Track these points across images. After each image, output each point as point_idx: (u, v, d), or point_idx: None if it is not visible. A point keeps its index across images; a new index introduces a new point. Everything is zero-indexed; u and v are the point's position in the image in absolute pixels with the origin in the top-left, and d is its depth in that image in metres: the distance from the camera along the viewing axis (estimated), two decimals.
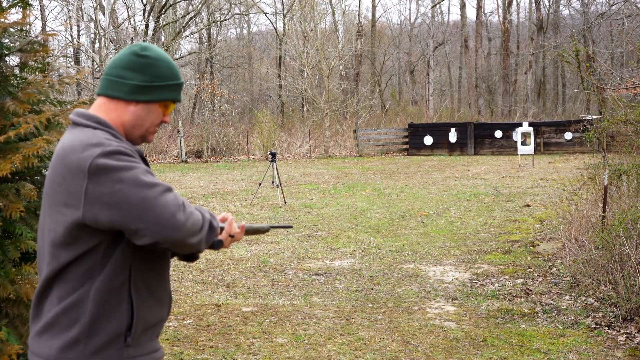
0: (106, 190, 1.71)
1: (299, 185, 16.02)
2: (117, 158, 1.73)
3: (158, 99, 1.90)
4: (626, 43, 23.75)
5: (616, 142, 8.99)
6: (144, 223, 1.71)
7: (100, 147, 1.74)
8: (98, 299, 1.77)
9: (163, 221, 1.71)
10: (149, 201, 1.71)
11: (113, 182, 1.71)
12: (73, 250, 1.77)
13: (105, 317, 1.78)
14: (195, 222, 1.78)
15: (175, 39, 30.58)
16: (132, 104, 1.88)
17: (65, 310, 1.78)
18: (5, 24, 3.38)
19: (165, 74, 1.90)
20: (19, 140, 3.29)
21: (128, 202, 1.71)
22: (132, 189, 1.71)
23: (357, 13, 38.37)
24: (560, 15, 38.73)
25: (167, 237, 1.73)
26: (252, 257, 7.94)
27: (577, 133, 24.26)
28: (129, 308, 1.81)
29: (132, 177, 1.72)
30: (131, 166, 1.74)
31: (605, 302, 5.53)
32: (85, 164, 1.72)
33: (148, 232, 1.72)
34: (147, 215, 1.71)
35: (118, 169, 1.72)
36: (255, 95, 41.31)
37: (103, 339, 1.78)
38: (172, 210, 1.72)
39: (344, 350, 4.72)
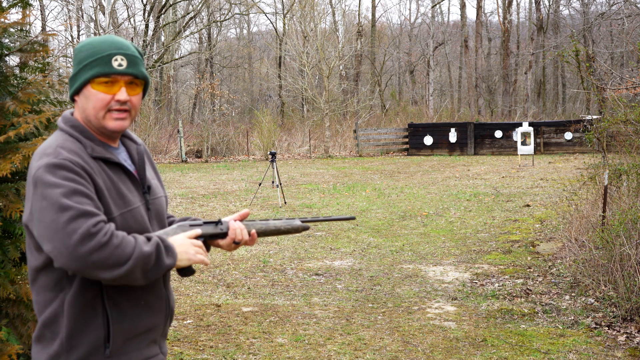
0: (36, 204, 1.70)
1: (299, 185, 16.02)
2: (54, 172, 1.70)
3: (83, 83, 1.83)
4: (626, 43, 23.75)
5: (616, 142, 8.98)
6: (50, 246, 1.67)
7: (47, 158, 1.73)
8: (72, 314, 1.76)
9: (62, 249, 1.65)
10: (57, 224, 1.66)
11: (42, 197, 1.69)
12: (39, 255, 1.78)
13: (81, 331, 1.77)
14: (112, 254, 1.66)
15: (175, 39, 30.58)
16: (75, 97, 1.88)
17: (45, 324, 1.80)
18: (5, 24, 3.38)
19: (85, 56, 1.84)
20: (19, 140, 3.29)
21: (43, 220, 1.68)
22: (49, 207, 1.67)
23: (357, 13, 38.39)
24: (560, 15, 38.74)
25: (66, 265, 1.66)
26: (252, 257, 7.94)
27: (577, 133, 24.26)
28: (104, 320, 1.78)
29: (54, 197, 1.67)
30: (60, 184, 1.69)
31: (605, 302, 5.53)
32: (32, 173, 1.74)
33: (53, 257, 1.68)
34: (52, 238, 1.66)
35: (49, 184, 1.69)
36: (255, 95, 41.31)
37: (81, 352, 1.77)
38: (75, 239, 1.64)
39: (344, 350, 4.72)
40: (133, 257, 1.69)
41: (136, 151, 1.98)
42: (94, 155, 1.81)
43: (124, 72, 1.83)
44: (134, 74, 1.85)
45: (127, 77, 1.84)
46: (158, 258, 1.75)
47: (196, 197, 13.96)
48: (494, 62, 41.19)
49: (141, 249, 1.71)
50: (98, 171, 1.80)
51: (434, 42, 39.56)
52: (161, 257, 1.75)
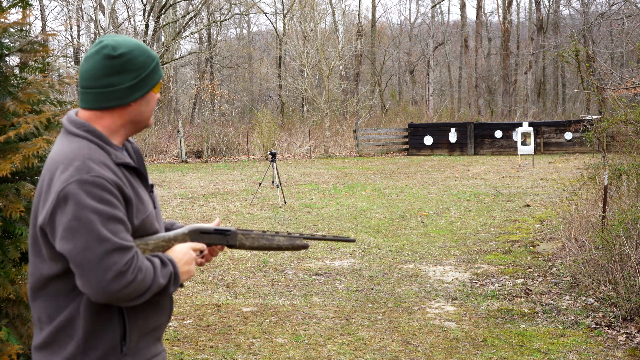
0: (64, 220, 1.67)
1: (299, 185, 16.02)
2: (89, 192, 1.68)
3: (151, 87, 1.87)
4: (626, 43, 23.75)
5: (616, 142, 8.98)
6: (78, 271, 1.68)
7: (79, 173, 1.69)
8: (89, 314, 1.76)
9: (93, 282, 1.66)
10: (92, 254, 1.66)
11: (73, 216, 1.66)
12: (56, 265, 1.76)
13: (99, 331, 1.77)
14: (135, 289, 1.71)
15: (175, 39, 30.58)
16: (132, 104, 1.84)
17: (59, 329, 1.78)
18: (5, 24, 3.38)
19: (145, 61, 1.84)
20: (19, 140, 3.29)
21: (75, 244, 1.67)
22: (84, 232, 1.66)
23: (357, 13, 38.39)
24: (560, 15, 38.74)
25: (92, 296, 1.69)
26: (252, 257, 7.93)
27: (577, 133, 24.26)
28: (120, 319, 1.79)
29: (90, 222, 1.66)
30: (96, 209, 1.67)
31: (605, 302, 5.53)
32: (60, 186, 1.69)
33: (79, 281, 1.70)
34: (83, 268, 1.67)
35: (84, 206, 1.67)
36: (255, 95, 41.31)
37: (99, 352, 1.77)
38: (109, 277, 1.66)
39: (344, 350, 4.72)
40: (150, 291, 1.75)
41: (133, 150, 1.98)
42: (117, 162, 1.81)
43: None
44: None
45: None
46: (166, 287, 1.81)
47: (196, 197, 13.96)
48: (494, 62, 41.19)
49: (158, 283, 1.77)
50: (124, 180, 1.80)
51: (434, 42, 39.56)
52: (169, 287, 1.82)
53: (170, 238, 1.90)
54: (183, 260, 1.88)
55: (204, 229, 1.98)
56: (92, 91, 1.81)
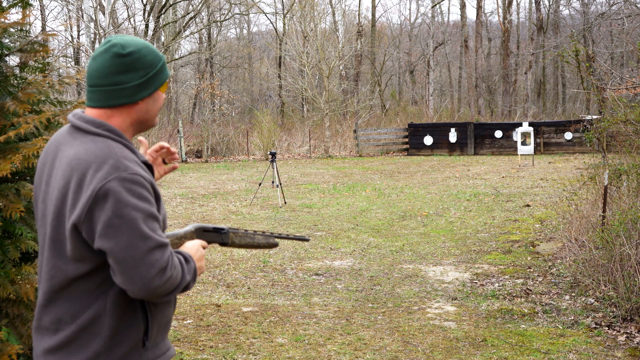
0: (104, 217, 1.69)
1: (299, 185, 16.02)
2: (130, 189, 1.71)
3: (158, 85, 1.89)
4: (626, 43, 23.75)
5: (616, 142, 8.98)
6: (121, 268, 1.70)
7: (116, 171, 1.71)
8: (116, 311, 1.78)
9: (137, 279, 1.70)
10: (136, 251, 1.69)
11: (114, 213, 1.68)
12: (83, 265, 1.76)
13: (125, 327, 1.79)
14: (170, 287, 1.76)
15: (175, 39, 30.58)
16: (140, 102, 1.87)
17: (83, 328, 1.78)
18: (5, 24, 3.38)
19: (153, 59, 1.87)
20: (19, 140, 3.29)
21: (117, 240, 1.69)
22: (126, 230, 1.69)
23: (357, 13, 38.39)
24: (560, 15, 38.74)
25: (134, 293, 1.72)
26: (252, 257, 7.93)
27: (577, 133, 24.26)
28: (143, 314, 1.82)
29: (133, 220, 1.69)
30: (138, 206, 1.71)
31: (605, 302, 5.53)
32: (97, 184, 1.70)
33: (120, 278, 1.72)
34: (127, 264, 1.69)
35: (126, 204, 1.69)
36: (255, 95, 41.31)
37: (124, 348, 1.79)
38: (152, 273, 1.70)
39: (344, 350, 4.72)
40: (179, 287, 1.80)
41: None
42: (142, 160, 1.84)
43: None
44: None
45: None
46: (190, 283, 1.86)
47: (196, 197, 13.96)
48: (494, 62, 41.19)
49: (185, 279, 1.82)
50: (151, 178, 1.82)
51: (434, 42, 39.56)
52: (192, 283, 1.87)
53: (181, 235, 1.98)
54: (197, 257, 1.93)
55: (205, 228, 2.06)
56: (101, 89, 1.82)
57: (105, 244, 1.69)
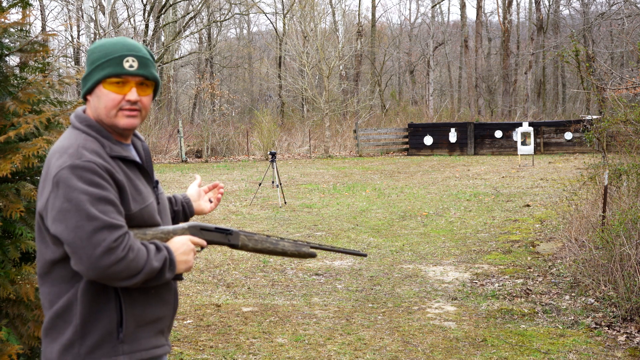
0: (57, 203, 1.75)
1: (299, 185, 16.02)
2: (79, 175, 1.75)
3: (95, 83, 1.89)
4: (626, 43, 23.75)
5: (616, 142, 8.98)
6: (70, 250, 1.74)
7: (71, 158, 1.78)
8: (86, 300, 1.81)
9: (84, 258, 1.72)
10: (82, 232, 1.72)
11: (64, 198, 1.74)
12: (57, 249, 1.82)
13: (95, 316, 1.81)
14: (126, 267, 1.75)
15: (175, 39, 30.58)
16: (88, 97, 1.93)
17: (57, 315, 1.83)
18: (5, 24, 3.38)
19: (97, 57, 1.89)
20: (19, 140, 3.29)
21: (66, 224, 1.73)
22: (74, 213, 1.73)
23: (357, 13, 38.39)
24: (560, 15, 38.74)
25: (84, 273, 1.75)
26: (252, 257, 7.93)
27: (577, 133, 24.26)
28: (117, 305, 1.83)
29: (80, 203, 1.73)
30: (86, 190, 1.74)
31: (605, 302, 5.53)
32: (54, 172, 1.78)
33: (72, 260, 1.76)
34: (75, 245, 1.73)
35: (74, 188, 1.74)
36: (255, 95, 41.31)
37: (95, 337, 1.81)
38: (99, 252, 1.72)
39: (344, 350, 4.72)
40: (143, 272, 1.79)
41: (142, 147, 2.05)
42: (112, 155, 1.87)
43: (135, 73, 1.89)
44: (144, 75, 1.91)
45: (137, 78, 1.91)
46: (161, 272, 1.84)
47: None
48: (494, 62, 41.18)
49: (152, 265, 1.80)
50: (117, 169, 1.86)
51: (434, 42, 39.55)
52: (164, 272, 1.85)
53: (169, 231, 1.96)
54: (180, 250, 1.91)
55: (204, 226, 2.02)
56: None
57: (57, 228, 1.75)
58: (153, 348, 1.92)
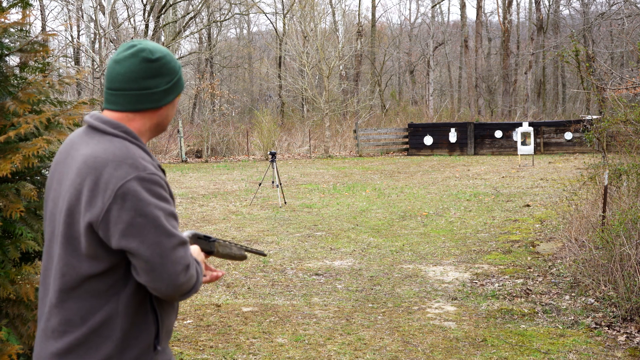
0: (126, 217, 1.68)
1: (299, 185, 16.02)
2: (148, 188, 1.72)
3: (179, 91, 1.93)
4: (626, 43, 23.75)
5: (616, 142, 8.98)
6: (147, 267, 1.70)
7: (136, 171, 1.72)
8: (128, 314, 1.76)
9: (165, 276, 1.70)
10: (162, 248, 1.70)
11: (136, 212, 1.68)
12: (97, 264, 1.74)
13: (136, 330, 1.78)
14: (190, 285, 1.77)
15: (175, 39, 30.58)
16: (162, 107, 1.89)
17: (93, 330, 1.75)
18: (6, 24, 3.38)
19: (176, 66, 1.90)
20: (19, 140, 3.29)
21: (142, 239, 1.69)
22: (151, 229, 1.69)
23: (357, 13, 38.39)
24: (560, 15, 38.74)
25: (161, 290, 1.73)
26: (252, 257, 7.93)
27: (577, 133, 24.26)
28: (154, 317, 1.81)
29: (156, 218, 1.70)
30: (159, 205, 1.72)
31: (605, 302, 5.53)
32: (116, 183, 1.69)
33: (146, 276, 1.72)
34: (154, 262, 1.69)
35: (147, 202, 1.70)
36: (255, 95, 41.31)
37: (135, 352, 1.77)
38: (179, 269, 1.72)
39: (344, 350, 4.72)
40: (197, 286, 1.82)
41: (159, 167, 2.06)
42: (157, 165, 1.85)
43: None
44: None
45: None
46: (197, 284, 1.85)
47: (196, 197, 13.96)
48: (494, 62, 41.18)
49: (200, 280, 1.83)
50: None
51: (434, 42, 39.56)
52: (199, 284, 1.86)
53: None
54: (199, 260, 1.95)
55: (198, 235, 2.06)
56: (127, 93, 1.83)
57: (130, 243, 1.69)
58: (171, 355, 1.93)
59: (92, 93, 25.00)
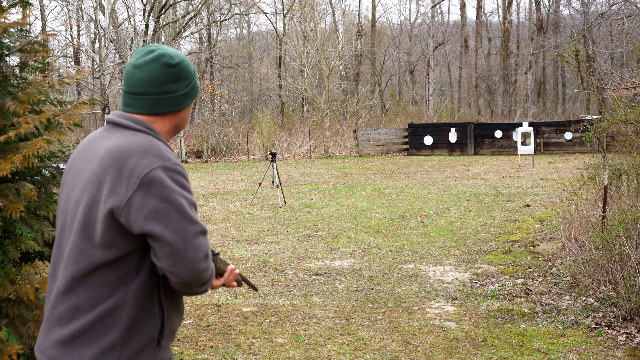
0: (151, 203, 1.73)
1: (299, 185, 16.02)
2: (174, 178, 1.77)
3: (196, 95, 2.01)
4: (626, 43, 23.75)
5: (616, 142, 8.99)
6: (170, 251, 1.74)
7: (160, 160, 1.77)
8: (135, 304, 1.78)
9: (186, 261, 1.74)
10: (185, 235, 1.74)
11: (160, 199, 1.74)
12: (110, 251, 1.77)
13: (142, 321, 1.80)
14: (208, 275, 1.82)
15: (175, 39, 30.57)
16: (182, 110, 1.96)
17: (100, 317, 1.77)
18: (6, 24, 3.38)
19: (193, 70, 1.98)
20: (19, 140, 3.29)
21: (166, 224, 1.73)
22: (175, 214, 1.74)
23: (357, 13, 38.39)
24: (560, 15, 38.74)
25: (182, 275, 1.76)
26: (252, 257, 7.93)
27: (577, 133, 24.26)
28: (160, 311, 1.83)
29: (180, 205, 1.75)
30: (182, 193, 1.77)
31: (605, 302, 5.53)
32: (142, 171, 1.74)
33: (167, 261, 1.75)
34: (177, 246, 1.73)
35: (171, 190, 1.75)
36: (255, 95, 41.31)
37: (139, 343, 1.79)
38: (200, 256, 1.76)
39: (344, 350, 4.72)
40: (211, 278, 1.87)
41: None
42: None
43: None
44: None
45: None
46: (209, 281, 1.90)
47: (196, 197, 13.96)
48: (494, 62, 41.18)
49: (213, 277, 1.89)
50: None
51: (434, 42, 39.55)
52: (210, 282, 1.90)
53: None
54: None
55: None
56: (149, 97, 1.89)
57: (154, 227, 1.72)
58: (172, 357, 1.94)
59: (92, 93, 24.99)
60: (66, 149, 3.62)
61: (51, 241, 3.31)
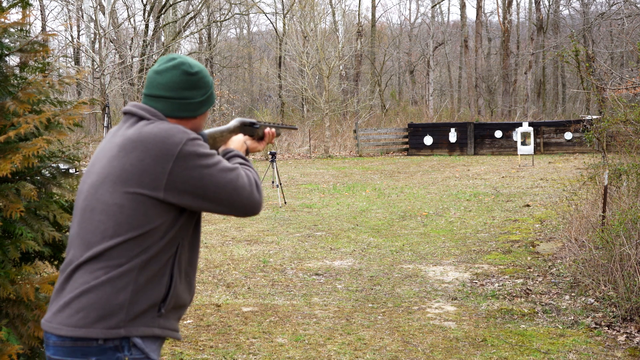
0: (195, 174, 1.90)
1: (299, 185, 16.02)
2: (202, 145, 1.94)
3: (212, 103, 2.15)
4: (626, 43, 23.76)
5: (616, 142, 8.99)
6: (230, 202, 1.96)
7: (186, 135, 1.93)
8: (146, 270, 1.90)
9: (245, 202, 1.97)
10: (234, 184, 1.95)
11: (201, 167, 1.91)
12: (137, 229, 1.89)
13: (148, 286, 1.91)
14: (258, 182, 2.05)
15: (175, 39, 30.57)
16: (197, 117, 2.10)
17: (111, 279, 1.88)
18: (5, 24, 3.38)
19: (210, 81, 2.12)
20: (19, 140, 3.29)
21: (211, 180, 1.92)
22: (218, 173, 1.93)
23: (357, 13, 38.38)
24: (560, 15, 38.74)
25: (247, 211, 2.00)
26: (252, 257, 7.94)
27: (577, 133, 24.25)
28: (168, 281, 1.95)
29: (217, 163, 1.94)
30: (212, 153, 1.96)
31: (605, 302, 5.53)
32: (174, 148, 1.89)
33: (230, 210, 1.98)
34: (232, 198, 1.95)
35: (204, 155, 1.92)
36: (255, 95, 41.30)
37: (142, 306, 1.90)
38: (249, 190, 1.98)
39: (344, 350, 4.72)
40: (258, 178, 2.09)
41: None
42: None
43: None
44: None
45: None
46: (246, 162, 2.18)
47: None
48: (494, 62, 41.18)
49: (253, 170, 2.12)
50: None
51: (434, 42, 39.55)
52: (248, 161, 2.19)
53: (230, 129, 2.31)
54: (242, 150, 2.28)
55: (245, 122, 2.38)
56: (167, 100, 2.04)
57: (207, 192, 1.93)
58: (175, 330, 2.03)
59: (92, 93, 25.00)
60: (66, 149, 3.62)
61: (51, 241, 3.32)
